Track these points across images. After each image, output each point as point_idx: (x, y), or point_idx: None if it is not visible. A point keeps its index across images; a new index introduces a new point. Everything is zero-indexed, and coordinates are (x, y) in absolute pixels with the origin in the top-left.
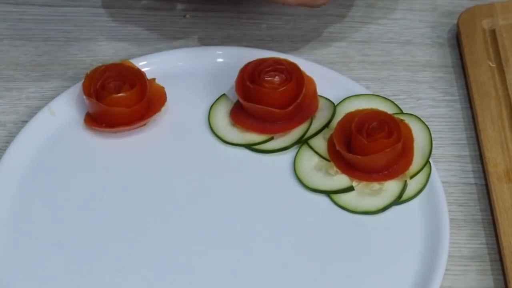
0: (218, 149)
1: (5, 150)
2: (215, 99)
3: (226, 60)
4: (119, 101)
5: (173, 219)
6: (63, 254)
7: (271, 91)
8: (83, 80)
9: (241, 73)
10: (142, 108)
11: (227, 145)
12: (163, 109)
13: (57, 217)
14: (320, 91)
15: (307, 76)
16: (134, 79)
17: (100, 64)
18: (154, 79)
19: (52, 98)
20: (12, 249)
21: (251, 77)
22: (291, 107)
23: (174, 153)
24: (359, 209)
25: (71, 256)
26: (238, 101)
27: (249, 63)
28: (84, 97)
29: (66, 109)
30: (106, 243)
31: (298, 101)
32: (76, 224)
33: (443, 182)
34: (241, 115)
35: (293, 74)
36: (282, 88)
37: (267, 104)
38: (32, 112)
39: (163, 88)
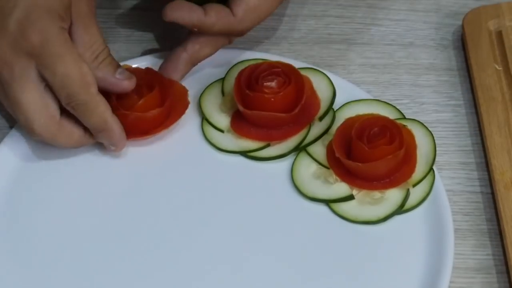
0: (213, 157)
1: None
2: None
3: (222, 63)
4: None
5: (168, 227)
6: (52, 262)
7: (273, 96)
8: None
9: (237, 82)
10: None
11: (222, 152)
12: None
13: (46, 227)
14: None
15: (303, 75)
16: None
17: None
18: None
19: None
20: None
21: (248, 85)
22: (297, 109)
23: (168, 161)
24: (360, 219)
25: (61, 264)
26: (236, 111)
27: (243, 70)
28: None
29: None
30: (100, 251)
31: (303, 102)
32: (66, 233)
33: (447, 191)
34: (243, 125)
35: (291, 75)
36: (283, 92)
37: (270, 110)
38: None
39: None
